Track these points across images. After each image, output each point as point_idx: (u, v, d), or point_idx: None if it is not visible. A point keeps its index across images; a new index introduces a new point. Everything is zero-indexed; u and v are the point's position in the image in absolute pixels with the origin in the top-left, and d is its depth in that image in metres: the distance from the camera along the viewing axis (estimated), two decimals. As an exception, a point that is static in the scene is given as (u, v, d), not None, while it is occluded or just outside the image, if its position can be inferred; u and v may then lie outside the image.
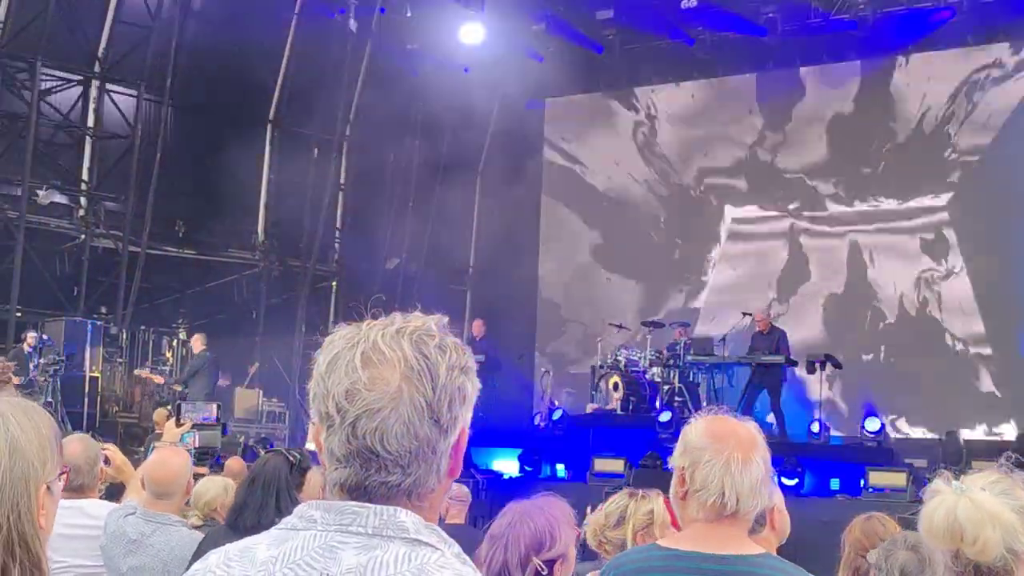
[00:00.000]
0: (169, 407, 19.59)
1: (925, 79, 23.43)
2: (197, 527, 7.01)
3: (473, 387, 2.19)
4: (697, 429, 3.75)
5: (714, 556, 3.60)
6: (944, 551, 3.18)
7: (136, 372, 22.34)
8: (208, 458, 12.88)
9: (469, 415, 2.19)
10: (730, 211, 25.49)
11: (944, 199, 23.18)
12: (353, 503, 2.10)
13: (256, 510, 5.67)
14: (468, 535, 10.75)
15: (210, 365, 20.65)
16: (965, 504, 3.15)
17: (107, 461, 6.88)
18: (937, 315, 23.03)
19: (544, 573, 4.32)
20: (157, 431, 17.62)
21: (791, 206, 24.77)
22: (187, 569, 2.32)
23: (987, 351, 22.45)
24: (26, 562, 2.39)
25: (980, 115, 22.86)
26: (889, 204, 23.68)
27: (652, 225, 26.46)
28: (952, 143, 23.09)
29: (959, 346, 22.75)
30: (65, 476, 2.58)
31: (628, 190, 26.74)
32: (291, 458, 5.97)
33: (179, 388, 20.69)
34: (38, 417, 2.49)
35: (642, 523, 5.86)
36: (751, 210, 25.26)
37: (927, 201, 23.33)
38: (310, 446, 8.08)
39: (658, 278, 26.02)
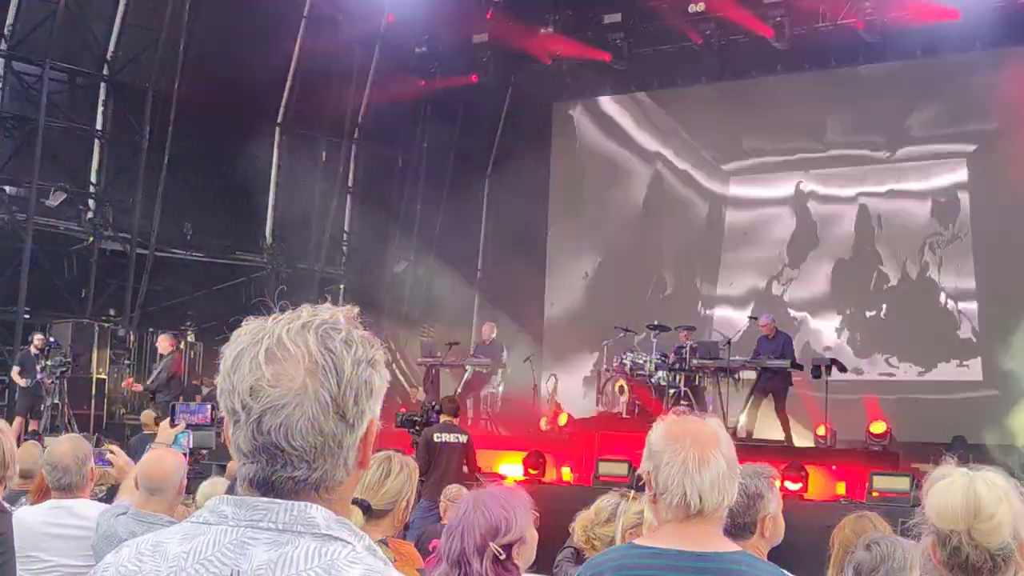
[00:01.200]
0: (156, 408, 19.68)
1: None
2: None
3: (381, 380, 2.18)
4: (657, 432, 3.77)
5: (691, 553, 3.62)
6: (947, 536, 3.18)
7: (123, 385, 22.25)
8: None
9: (378, 407, 2.18)
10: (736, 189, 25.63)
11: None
12: (264, 499, 2.10)
13: None
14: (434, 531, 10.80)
15: (175, 368, 20.62)
16: (981, 481, 3.21)
17: (109, 462, 6.92)
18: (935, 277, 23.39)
19: (502, 557, 4.35)
20: (145, 432, 17.65)
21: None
22: None
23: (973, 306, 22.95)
24: None
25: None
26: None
27: (661, 228, 26.42)
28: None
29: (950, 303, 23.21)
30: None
31: (638, 192, 26.72)
32: None
33: (146, 393, 20.65)
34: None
35: (632, 522, 5.89)
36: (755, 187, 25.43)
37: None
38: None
39: (666, 281, 25.99)
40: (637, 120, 27.03)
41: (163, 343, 20.75)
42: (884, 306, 24.00)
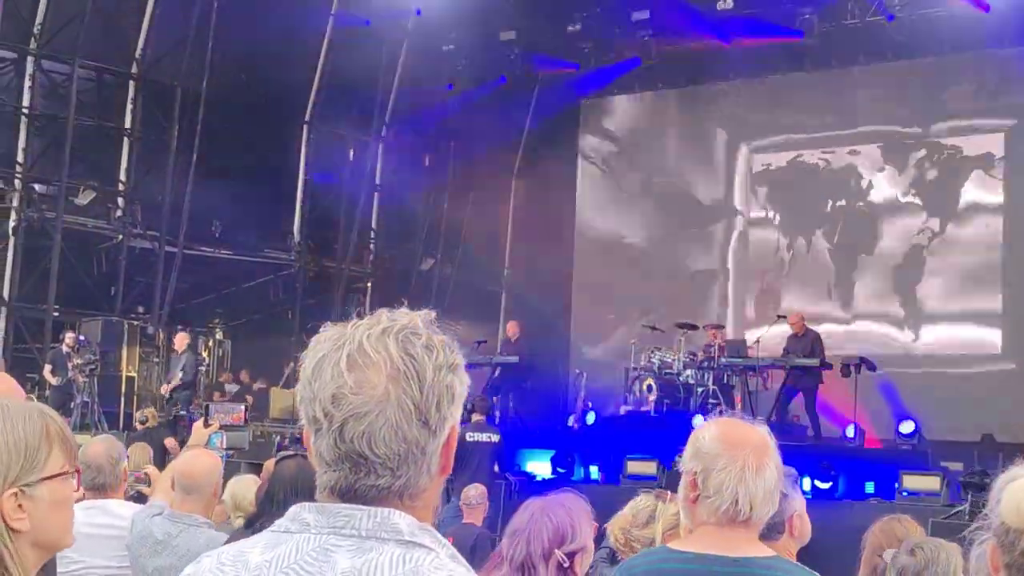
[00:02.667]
0: (154, 406, 19.76)
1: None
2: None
3: (462, 385, 2.16)
4: (710, 433, 3.72)
5: (726, 559, 3.59)
6: (1016, 537, 3.14)
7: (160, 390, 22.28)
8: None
9: (459, 413, 2.17)
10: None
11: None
12: (346, 506, 2.09)
13: (272, 517, 5.66)
14: (476, 533, 10.84)
15: (192, 364, 20.73)
16: None
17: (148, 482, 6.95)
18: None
19: (565, 565, 4.35)
20: (141, 427, 17.71)
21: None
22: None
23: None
24: None
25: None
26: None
27: (689, 224, 26.37)
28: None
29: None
30: (76, 476, 2.60)
31: (665, 190, 26.66)
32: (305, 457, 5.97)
33: (166, 393, 20.76)
34: (16, 419, 2.51)
35: (670, 523, 5.86)
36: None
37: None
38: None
39: (695, 279, 25.96)
40: (664, 117, 26.97)
41: (180, 342, 20.85)
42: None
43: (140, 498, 7.06)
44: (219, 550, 2.21)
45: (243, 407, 9.71)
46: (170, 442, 16.78)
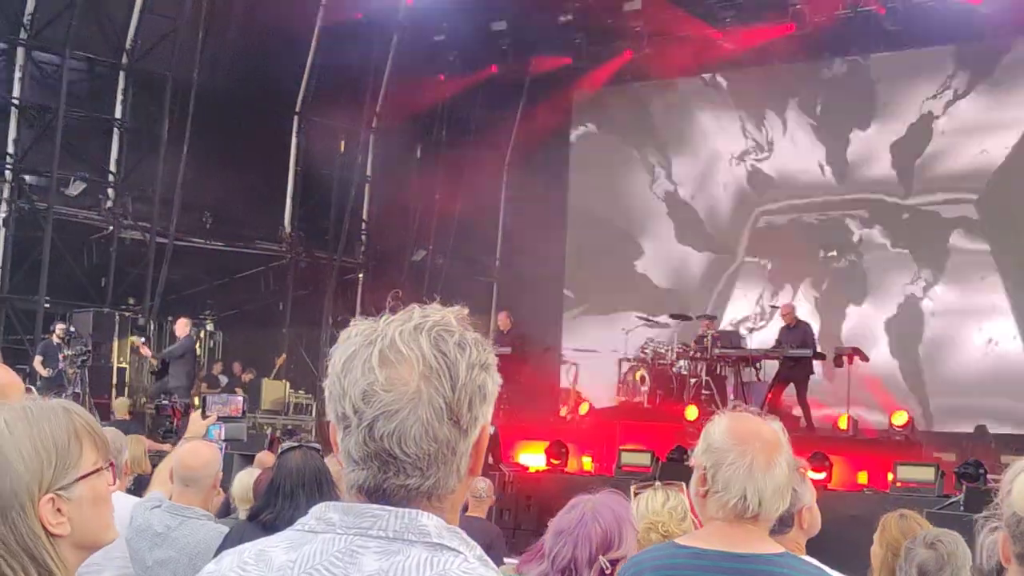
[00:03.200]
0: (132, 397, 19.74)
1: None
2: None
3: (494, 384, 2.11)
4: (720, 428, 3.70)
5: (735, 555, 3.57)
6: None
7: (131, 339, 22.30)
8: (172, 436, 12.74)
9: (491, 412, 2.12)
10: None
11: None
12: (373, 506, 2.05)
13: (278, 509, 5.63)
14: (484, 528, 10.80)
15: (192, 351, 20.75)
16: None
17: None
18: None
19: (608, 572, 4.32)
20: (114, 417, 17.68)
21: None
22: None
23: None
24: (32, 571, 2.37)
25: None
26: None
27: (680, 214, 26.35)
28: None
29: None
30: (111, 469, 2.56)
31: (656, 180, 26.65)
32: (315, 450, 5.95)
33: (155, 363, 20.80)
34: (41, 420, 2.45)
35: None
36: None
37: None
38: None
39: (688, 268, 25.94)
40: (656, 108, 26.94)
41: (181, 326, 20.86)
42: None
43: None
44: (240, 548, 2.15)
45: (241, 399, 9.69)
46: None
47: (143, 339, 22.47)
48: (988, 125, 22.80)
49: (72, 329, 20.65)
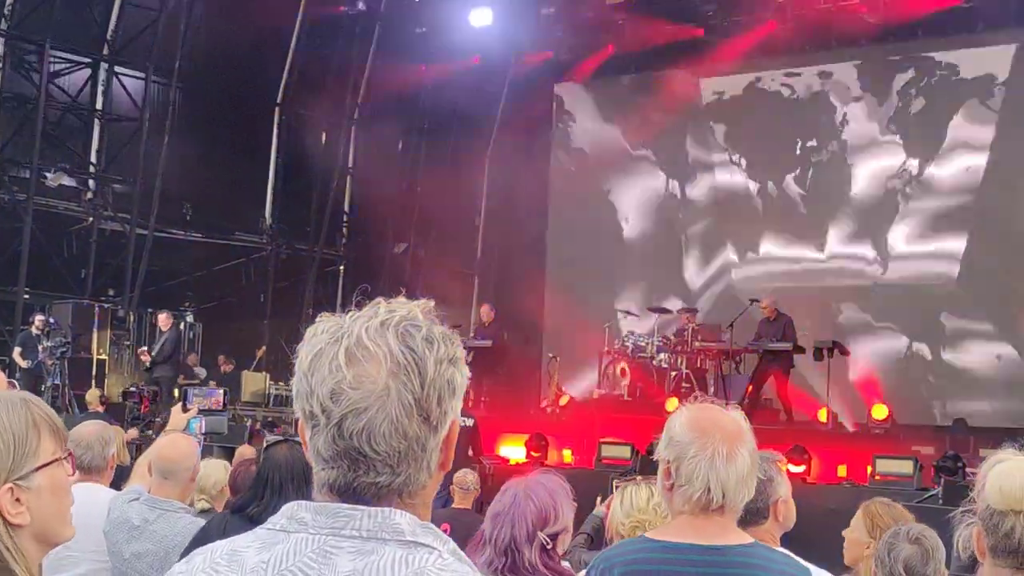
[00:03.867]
0: (102, 391, 19.72)
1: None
2: (205, 511, 7.02)
3: (463, 378, 2.09)
4: (681, 421, 3.70)
5: (705, 547, 3.58)
6: (1001, 519, 3.15)
7: (140, 351, 22.32)
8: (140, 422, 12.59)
9: (459, 406, 2.10)
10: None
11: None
12: (345, 505, 2.03)
13: (266, 503, 5.62)
14: (470, 519, 10.83)
15: (177, 343, 20.77)
16: None
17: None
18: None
19: (549, 547, 4.34)
20: (90, 409, 17.66)
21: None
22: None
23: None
24: None
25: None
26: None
27: (662, 206, 26.36)
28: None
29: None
30: (70, 460, 2.56)
31: (638, 173, 26.65)
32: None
33: (146, 362, 20.89)
34: (1, 412, 2.45)
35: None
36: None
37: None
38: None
39: (671, 262, 25.95)
40: (637, 103, 26.91)
41: (164, 320, 20.89)
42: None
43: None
44: (211, 547, 2.13)
45: (222, 392, 9.69)
46: (132, 433, 16.70)
47: (144, 348, 22.40)
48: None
49: (52, 320, 20.59)
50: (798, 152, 24.65)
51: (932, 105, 23.27)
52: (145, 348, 21.97)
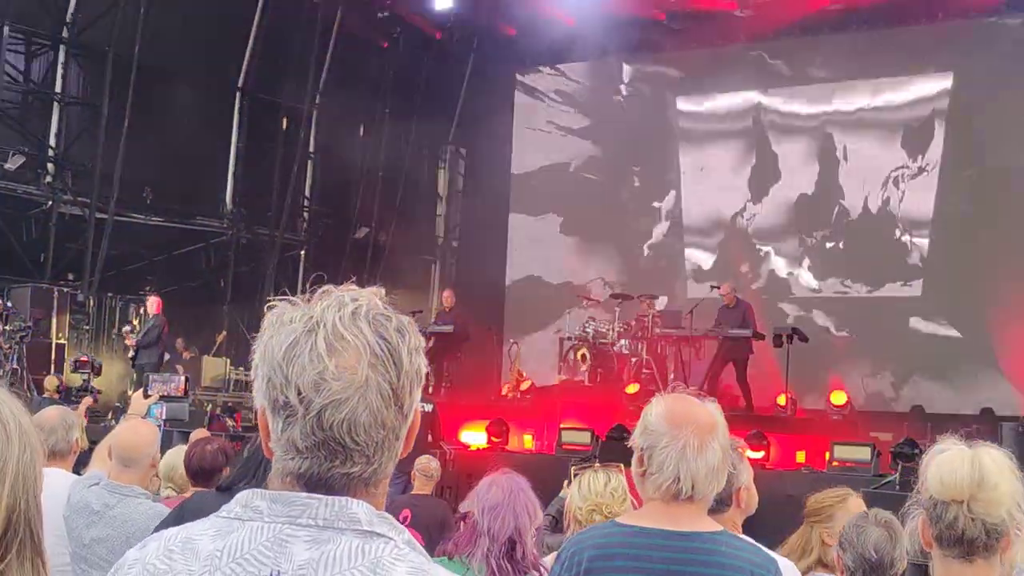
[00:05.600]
0: (61, 377, 19.61)
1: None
2: (170, 498, 7.02)
3: (425, 366, 2.11)
4: (657, 411, 3.76)
5: (674, 533, 3.64)
6: (944, 509, 3.20)
7: (124, 331, 22.15)
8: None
9: (419, 394, 2.12)
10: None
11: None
12: (302, 494, 2.03)
13: (238, 476, 5.61)
14: (431, 504, 10.83)
15: (156, 326, 20.68)
16: (985, 453, 3.24)
17: None
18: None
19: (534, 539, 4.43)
20: (46, 396, 17.57)
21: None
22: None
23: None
24: (30, 553, 2.35)
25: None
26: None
27: (620, 191, 26.41)
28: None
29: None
30: None
31: (602, 158, 26.69)
32: None
33: (132, 348, 20.75)
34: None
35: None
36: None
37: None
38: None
39: (629, 245, 26.02)
40: (601, 84, 26.95)
41: (152, 304, 20.81)
42: (843, 240, 24.15)
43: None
44: (164, 534, 2.12)
45: (183, 379, 9.67)
46: (87, 402, 16.60)
47: (129, 328, 22.23)
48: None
49: (10, 304, 20.47)
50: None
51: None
52: (128, 330, 21.81)
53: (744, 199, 24.89)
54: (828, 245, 24.20)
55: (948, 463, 3.22)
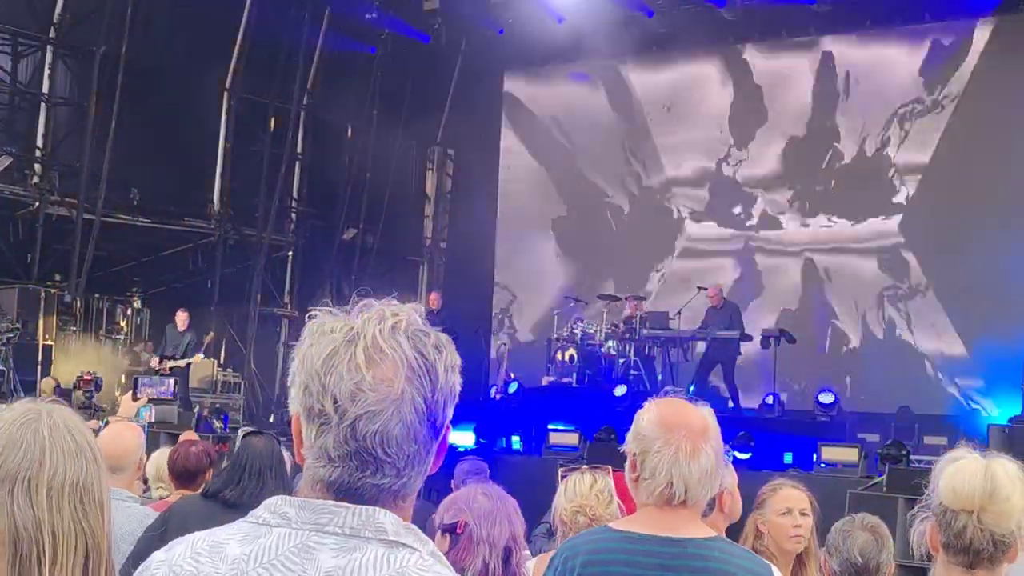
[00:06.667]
0: (56, 379, 19.57)
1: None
2: (164, 499, 7.01)
3: (459, 384, 2.15)
4: (649, 415, 3.78)
5: (667, 539, 3.65)
6: (954, 517, 3.22)
7: (139, 351, 22.04)
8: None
9: (452, 412, 2.15)
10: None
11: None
12: (331, 502, 2.05)
13: (243, 487, 5.62)
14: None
15: (195, 346, 20.77)
16: (998, 464, 3.27)
17: None
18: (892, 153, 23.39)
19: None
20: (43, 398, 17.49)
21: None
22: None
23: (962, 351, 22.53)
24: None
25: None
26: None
27: (608, 201, 26.41)
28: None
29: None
30: None
31: (589, 159, 26.69)
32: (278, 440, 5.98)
33: (156, 367, 20.61)
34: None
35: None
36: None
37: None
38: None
39: (619, 249, 26.01)
40: (591, 91, 26.95)
41: (182, 319, 20.91)
42: (833, 181, 24.06)
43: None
44: (191, 538, 2.15)
45: (172, 381, 9.65)
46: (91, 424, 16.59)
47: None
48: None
49: (-2, 306, 20.45)
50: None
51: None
52: (162, 358, 21.46)
53: (727, 144, 24.83)
54: (818, 188, 24.23)
55: (961, 472, 3.24)
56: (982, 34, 22.52)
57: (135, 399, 7.35)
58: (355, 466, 2.05)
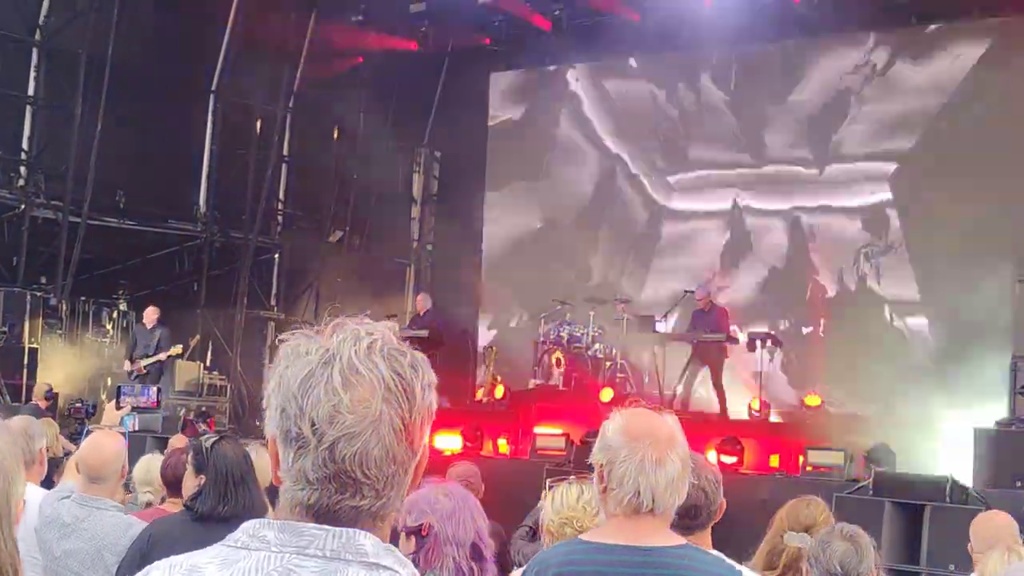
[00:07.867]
0: (49, 384, 19.54)
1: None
2: (150, 504, 7.01)
3: (436, 402, 2.15)
4: (614, 426, 3.80)
5: (637, 548, 3.67)
6: None
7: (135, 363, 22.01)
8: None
9: (429, 431, 2.15)
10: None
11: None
12: (311, 525, 2.05)
13: (234, 500, 5.58)
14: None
15: (168, 339, 20.71)
16: None
17: None
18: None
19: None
20: (34, 402, 17.49)
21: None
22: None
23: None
24: None
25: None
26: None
27: (600, 193, 26.42)
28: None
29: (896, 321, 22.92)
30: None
31: (572, 164, 26.69)
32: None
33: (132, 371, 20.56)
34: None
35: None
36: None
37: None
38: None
39: (605, 251, 26.01)
40: (578, 92, 26.95)
41: (151, 314, 20.87)
42: (822, 320, 23.27)
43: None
44: (169, 561, 2.13)
45: (156, 390, 9.63)
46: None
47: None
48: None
49: (-18, 309, 20.40)
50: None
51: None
52: (134, 360, 21.31)
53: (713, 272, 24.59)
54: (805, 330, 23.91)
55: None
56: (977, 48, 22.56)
57: (118, 408, 7.32)
58: (334, 488, 2.04)
